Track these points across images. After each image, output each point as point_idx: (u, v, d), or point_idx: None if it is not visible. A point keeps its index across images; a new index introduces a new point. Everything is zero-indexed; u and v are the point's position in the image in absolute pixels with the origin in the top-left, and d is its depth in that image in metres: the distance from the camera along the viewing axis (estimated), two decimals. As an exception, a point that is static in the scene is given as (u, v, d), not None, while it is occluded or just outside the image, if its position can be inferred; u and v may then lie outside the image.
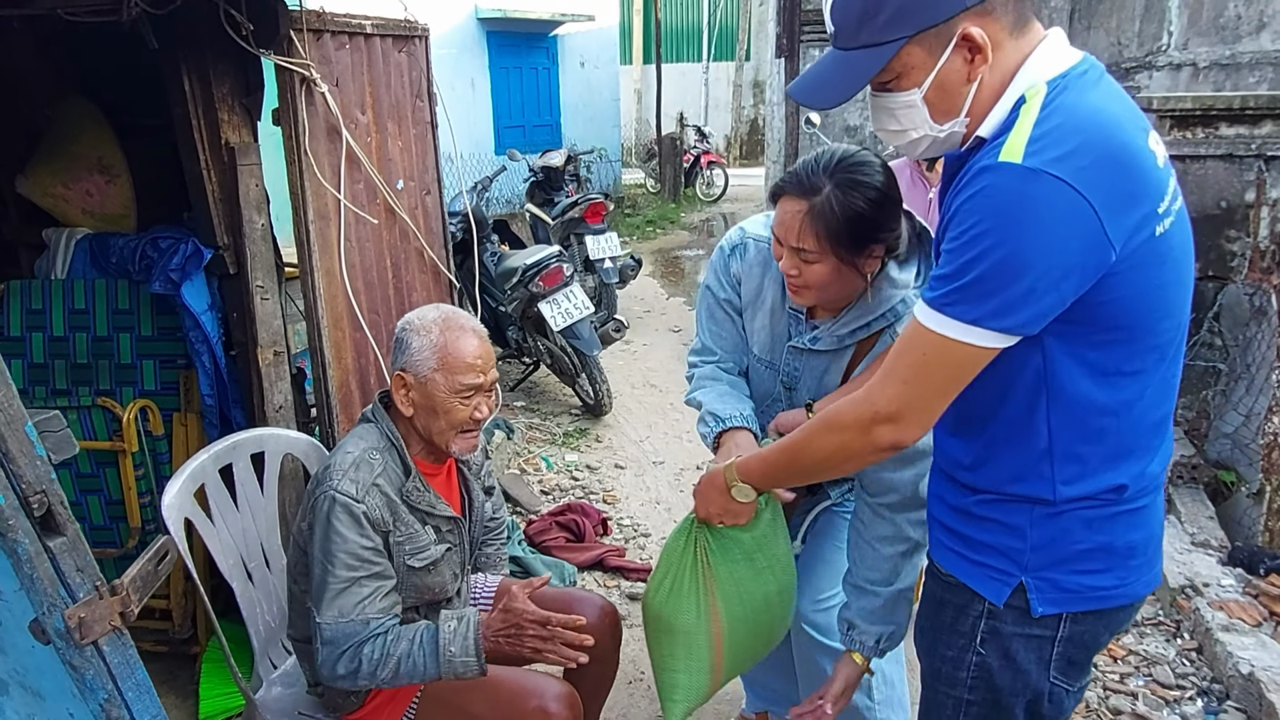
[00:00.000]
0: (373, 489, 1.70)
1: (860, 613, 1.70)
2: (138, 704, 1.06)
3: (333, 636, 1.66)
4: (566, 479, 4.24)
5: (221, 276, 2.41)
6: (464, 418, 1.80)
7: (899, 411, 1.17)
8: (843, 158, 1.53)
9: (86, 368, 2.70)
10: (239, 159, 2.24)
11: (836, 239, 1.51)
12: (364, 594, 1.68)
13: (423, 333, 1.75)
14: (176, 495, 1.98)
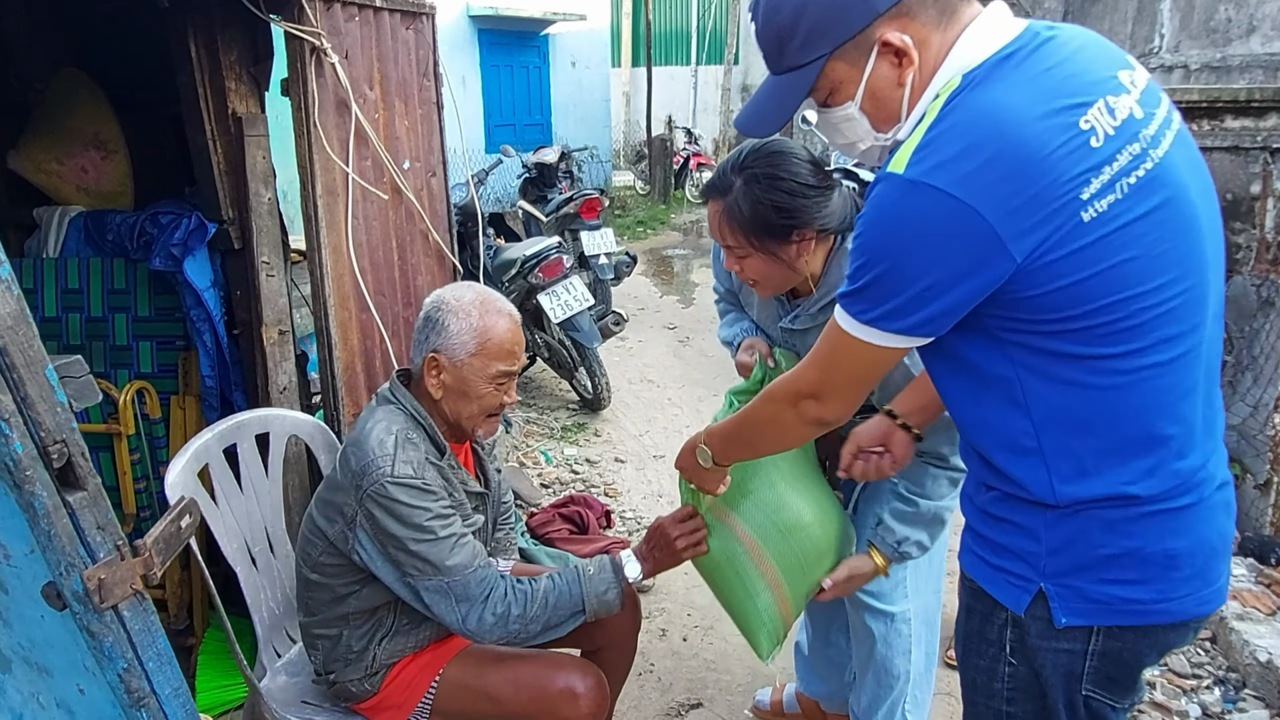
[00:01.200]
0: (426, 466, 1.66)
1: (892, 513, 1.72)
2: (159, 674, 0.99)
3: (465, 591, 1.63)
4: (566, 472, 4.18)
5: (225, 253, 2.34)
6: (495, 403, 1.75)
7: (818, 392, 1.23)
8: (750, 152, 1.57)
9: (80, 349, 2.61)
10: (246, 129, 2.17)
11: (752, 233, 1.56)
12: (458, 544, 1.64)
13: (462, 315, 1.69)
14: (180, 474, 1.91)
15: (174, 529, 1.02)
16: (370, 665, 1.78)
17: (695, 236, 10.98)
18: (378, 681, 1.79)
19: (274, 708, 1.93)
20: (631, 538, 3.56)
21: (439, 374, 1.70)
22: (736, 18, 17.89)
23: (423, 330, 1.72)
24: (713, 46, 18.32)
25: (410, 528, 1.60)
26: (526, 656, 1.83)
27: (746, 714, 2.57)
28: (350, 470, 1.64)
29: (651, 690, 2.66)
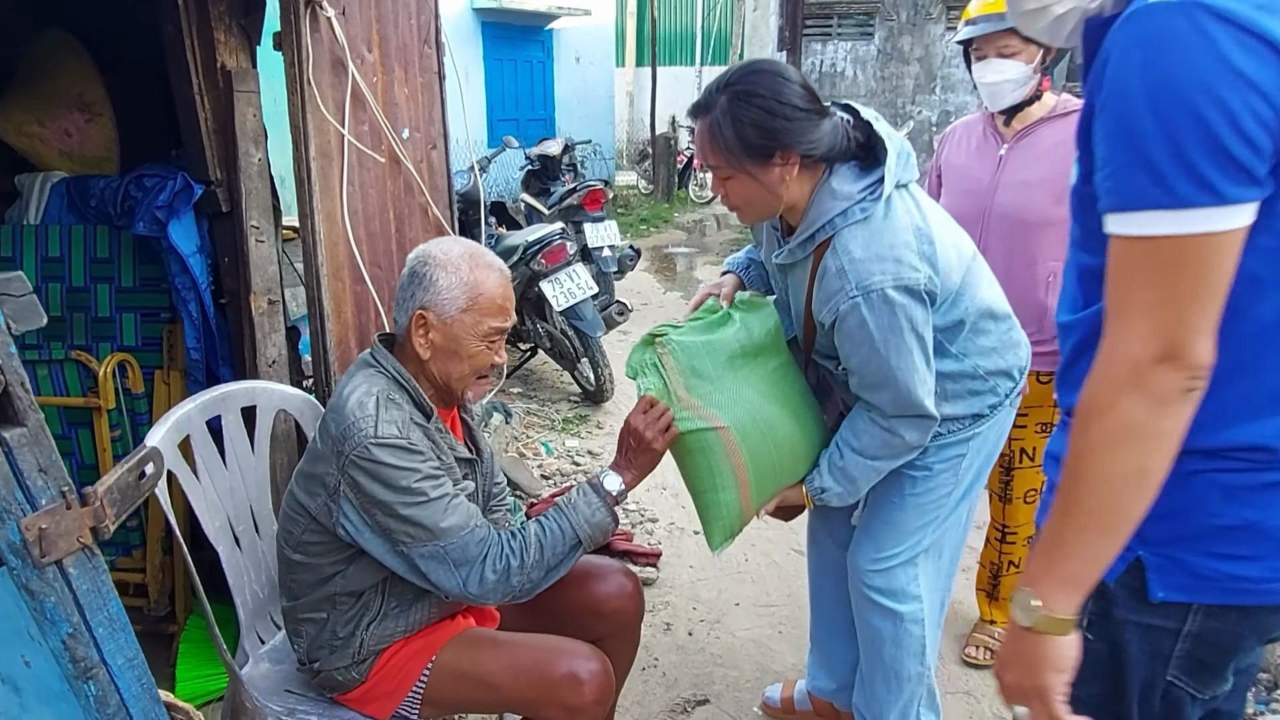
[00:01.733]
0: (411, 426, 1.54)
1: (825, 457, 1.78)
2: (109, 642, 0.87)
3: (465, 553, 1.53)
4: (568, 464, 4.05)
5: (213, 217, 2.21)
6: (486, 363, 1.64)
7: (1167, 346, 0.87)
8: (738, 70, 1.54)
9: (60, 321, 2.49)
10: (236, 85, 2.05)
11: (734, 151, 1.52)
12: (451, 506, 1.54)
13: (450, 269, 1.57)
14: (160, 442, 1.78)
15: (131, 478, 0.90)
16: (357, 652, 1.65)
17: (699, 235, 10.87)
18: (365, 669, 1.66)
19: (255, 696, 1.80)
20: (635, 530, 3.44)
21: (427, 332, 1.58)
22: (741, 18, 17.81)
23: (408, 287, 1.60)
24: (718, 47, 18.23)
25: (399, 491, 1.49)
26: (527, 641, 1.71)
27: (756, 711, 2.44)
28: (330, 437, 1.53)
29: (656, 686, 2.53)
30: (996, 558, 2.59)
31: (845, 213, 1.56)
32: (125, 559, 2.51)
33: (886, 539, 1.86)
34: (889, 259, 1.53)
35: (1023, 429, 2.36)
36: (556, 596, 1.87)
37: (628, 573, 1.94)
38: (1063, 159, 2.18)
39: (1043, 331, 2.29)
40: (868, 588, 1.90)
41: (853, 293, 1.53)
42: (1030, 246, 2.25)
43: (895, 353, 1.56)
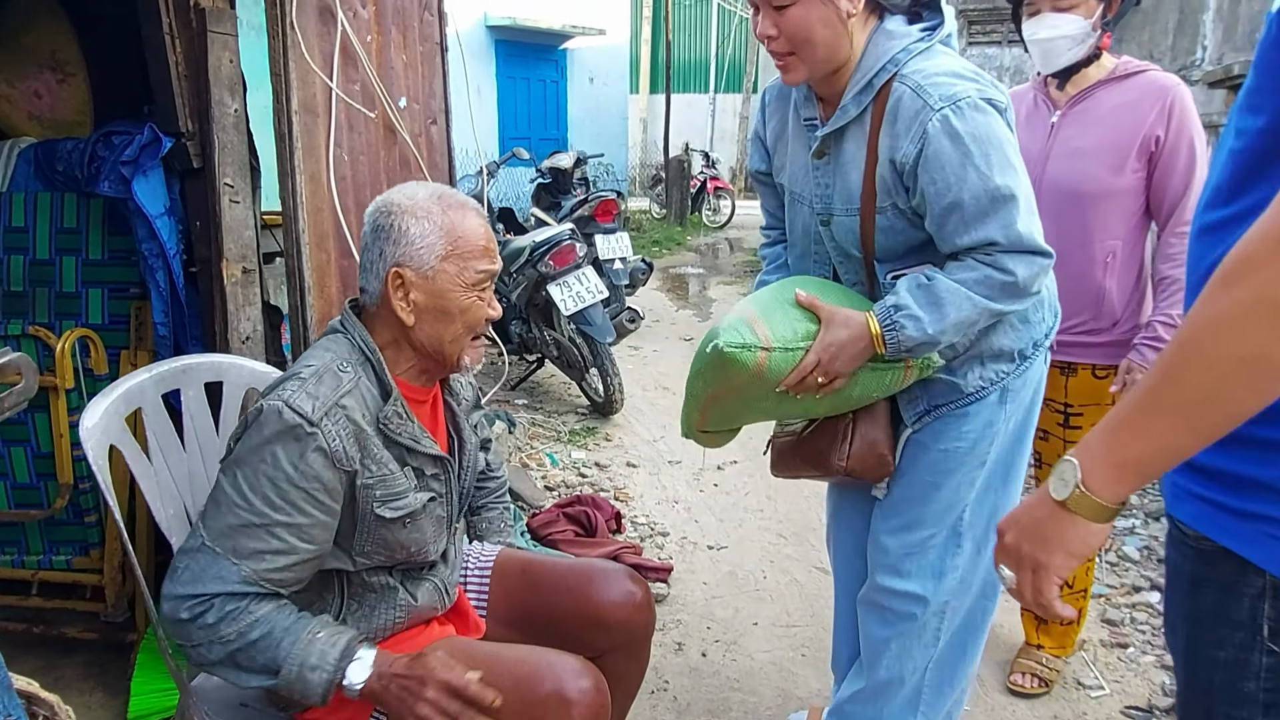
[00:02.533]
0: (335, 411, 1.26)
1: (906, 279, 1.45)
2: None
3: (200, 566, 1.22)
4: (574, 475, 3.80)
5: (184, 176, 2.00)
6: (481, 316, 1.40)
7: None
8: None
9: (21, 296, 2.28)
10: (210, 25, 1.85)
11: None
12: (272, 546, 1.24)
13: (421, 215, 1.34)
14: (102, 416, 1.56)
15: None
16: None
17: (711, 257, 10.69)
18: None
19: (205, 711, 1.56)
20: (644, 544, 3.18)
21: (407, 293, 1.34)
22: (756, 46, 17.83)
23: (374, 244, 1.35)
24: (731, 75, 18.24)
25: (246, 458, 1.24)
26: (510, 654, 1.45)
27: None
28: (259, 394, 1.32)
29: (666, 711, 2.26)
30: None
31: (907, 49, 1.40)
32: (82, 559, 2.27)
33: (917, 513, 1.63)
34: (967, 76, 1.37)
35: (1078, 430, 2.13)
36: (553, 603, 1.63)
37: (636, 578, 1.68)
38: (1124, 124, 1.97)
39: (1100, 319, 2.06)
40: (891, 574, 1.67)
41: (938, 104, 1.33)
42: (1086, 222, 2.02)
43: (999, 168, 1.34)
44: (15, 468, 2.26)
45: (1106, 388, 2.09)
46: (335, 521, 1.30)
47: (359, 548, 1.35)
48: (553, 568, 1.70)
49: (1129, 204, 2.00)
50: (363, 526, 1.34)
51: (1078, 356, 2.10)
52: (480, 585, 1.70)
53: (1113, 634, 2.63)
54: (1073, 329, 2.07)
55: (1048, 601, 0.89)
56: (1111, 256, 2.03)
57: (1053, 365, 2.12)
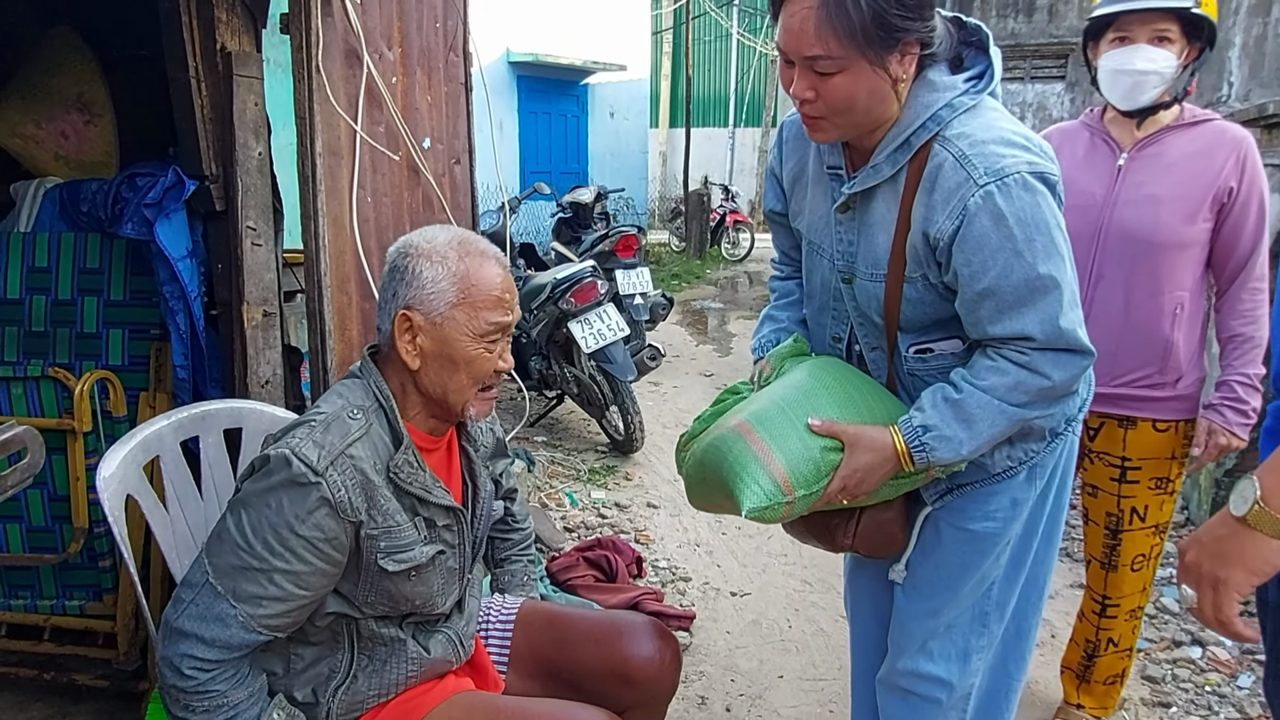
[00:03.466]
0: (342, 460, 1.24)
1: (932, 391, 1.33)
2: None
3: (204, 604, 1.22)
4: (594, 516, 3.73)
5: (207, 218, 1.99)
6: (488, 369, 1.35)
7: None
8: None
9: (43, 337, 2.27)
10: (236, 68, 1.84)
11: (860, 34, 1.17)
12: (269, 592, 1.22)
13: (437, 259, 1.31)
14: (120, 465, 1.54)
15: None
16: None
17: (731, 291, 10.64)
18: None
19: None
20: (665, 589, 3.10)
21: (414, 336, 1.31)
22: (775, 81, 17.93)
23: (389, 285, 1.34)
24: (751, 109, 18.35)
25: (250, 501, 1.23)
26: (529, 708, 1.40)
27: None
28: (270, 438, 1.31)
29: (690, 770, 2.18)
30: (1093, 634, 2.21)
31: (951, 104, 1.26)
32: (95, 604, 2.23)
33: (944, 597, 1.51)
34: (1018, 144, 1.22)
35: (1134, 484, 2.03)
36: (578, 656, 1.58)
37: (665, 634, 1.62)
38: (1198, 173, 1.89)
39: (1165, 373, 1.97)
40: (915, 655, 1.55)
41: (983, 179, 1.20)
42: (1156, 272, 1.94)
43: (1044, 255, 1.21)
44: (31, 510, 2.23)
45: (1167, 442, 2.01)
46: (338, 570, 1.28)
47: (363, 597, 1.32)
48: (580, 621, 1.65)
49: (1197, 255, 1.93)
50: (366, 576, 1.30)
51: (1139, 410, 2.01)
52: (503, 636, 1.65)
53: (1154, 692, 2.52)
54: (1135, 382, 1.99)
55: (1227, 619, 0.90)
56: (1180, 308, 1.94)
57: (1110, 418, 2.05)
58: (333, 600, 1.31)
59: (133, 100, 2.34)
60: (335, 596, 1.31)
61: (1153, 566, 2.13)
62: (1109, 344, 2.00)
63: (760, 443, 1.34)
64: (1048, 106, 7.12)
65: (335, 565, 1.26)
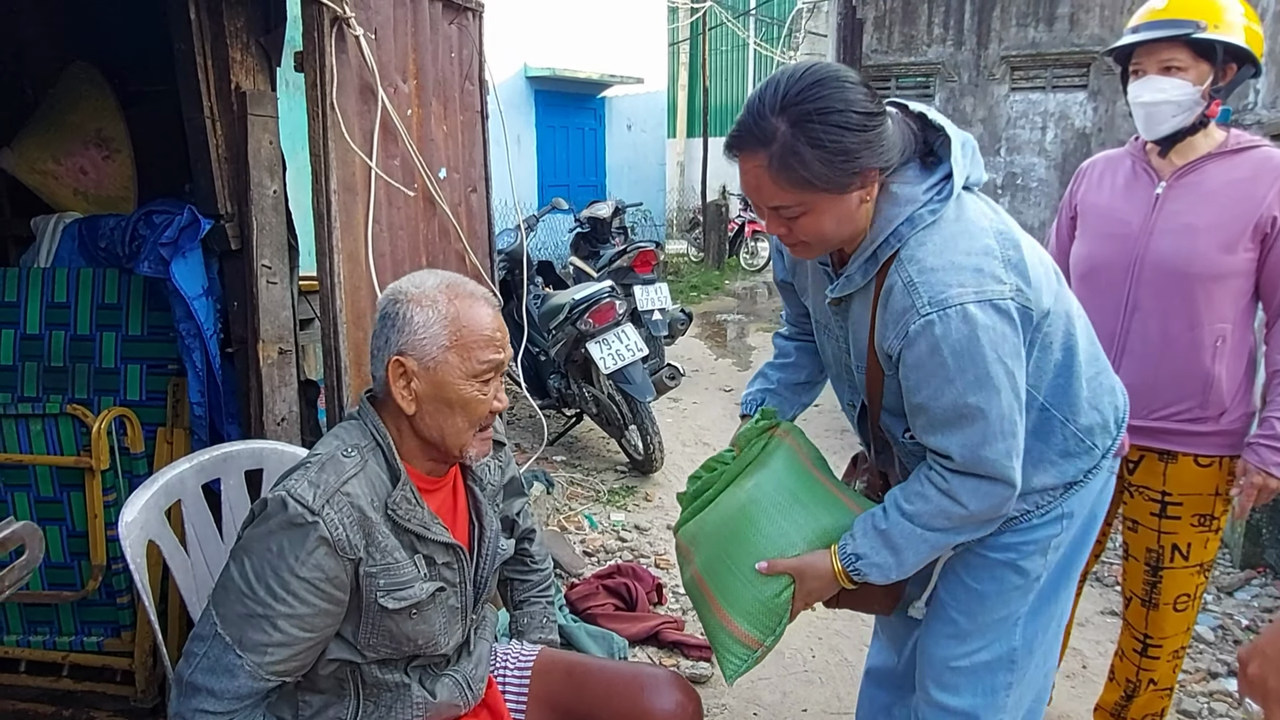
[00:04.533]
0: (339, 498, 1.23)
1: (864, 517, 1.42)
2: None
3: (213, 657, 1.23)
4: (613, 539, 3.70)
5: (222, 255, 1.99)
6: (484, 411, 1.35)
7: None
8: (792, 84, 1.21)
9: (62, 372, 2.27)
10: (251, 108, 1.84)
11: (811, 185, 1.23)
12: (274, 639, 1.22)
13: (426, 303, 1.31)
14: (141, 510, 1.54)
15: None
16: None
17: (750, 302, 10.59)
18: None
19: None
20: (685, 616, 3.06)
21: (408, 381, 1.31)
22: (793, 90, 17.88)
23: (381, 332, 1.33)
24: (768, 118, 18.29)
25: (252, 547, 1.23)
26: None
27: None
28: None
29: (712, 812, 2.14)
30: (1134, 674, 2.13)
31: (911, 219, 1.28)
32: (113, 640, 2.22)
33: (965, 624, 1.50)
34: (968, 268, 1.25)
35: (1175, 520, 1.96)
36: (598, 708, 1.55)
37: (687, 688, 1.59)
38: (1238, 202, 1.82)
39: (1206, 407, 1.90)
40: (940, 688, 1.53)
41: (925, 309, 1.24)
42: (1195, 303, 1.88)
43: (975, 386, 1.25)
44: (50, 547, 2.23)
45: (1209, 478, 1.94)
46: (340, 610, 1.27)
47: (364, 639, 1.31)
48: (599, 671, 1.62)
49: (1240, 285, 1.86)
50: (367, 616, 1.29)
51: (1180, 445, 1.94)
52: (520, 686, 1.62)
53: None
54: (1176, 416, 1.93)
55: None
56: (1221, 341, 1.88)
57: (1150, 451, 1.99)
58: (335, 646, 1.30)
59: (150, 135, 2.35)
60: (338, 642, 1.30)
61: (1196, 606, 2.05)
62: (1146, 376, 1.95)
63: (720, 610, 1.48)
64: (1070, 116, 7.03)
65: (338, 605, 1.26)
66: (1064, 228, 2.18)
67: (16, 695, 2.25)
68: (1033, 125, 7.12)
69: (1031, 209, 7.16)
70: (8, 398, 2.25)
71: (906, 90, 7.56)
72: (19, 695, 2.25)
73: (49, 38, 2.49)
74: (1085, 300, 2.08)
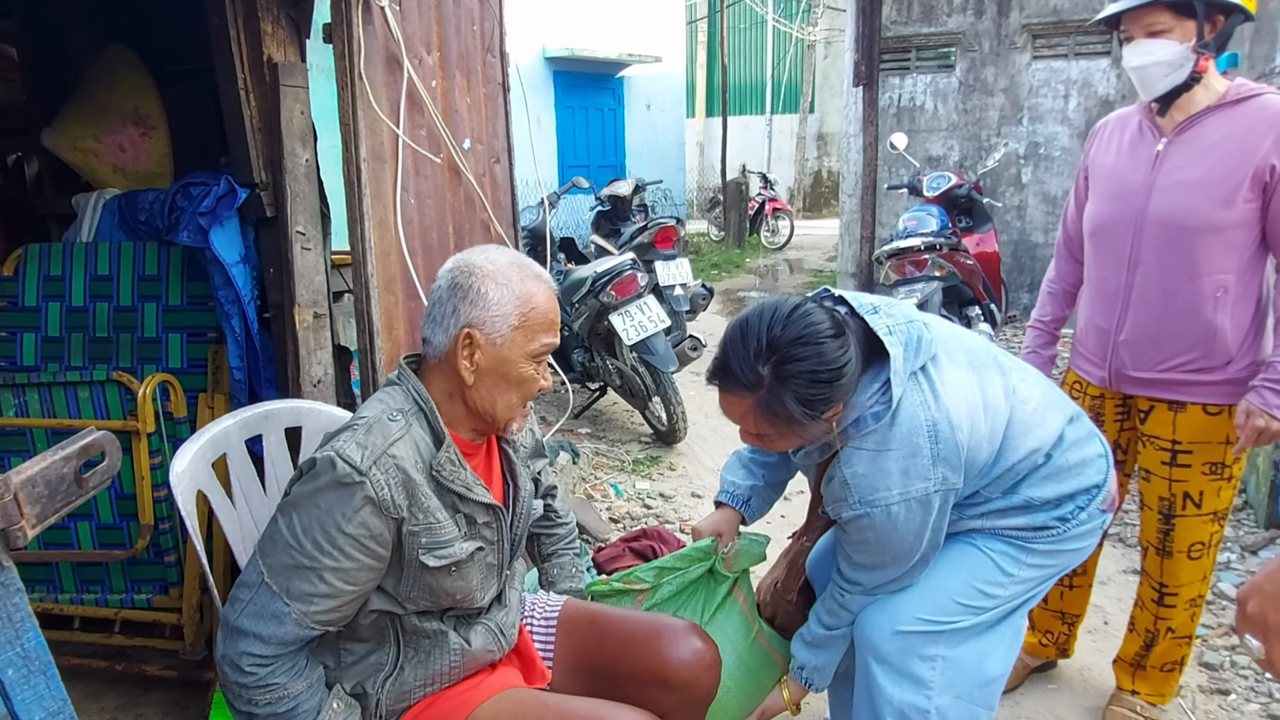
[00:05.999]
0: (385, 460, 1.28)
1: (799, 634, 1.78)
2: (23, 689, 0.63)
3: (260, 603, 1.28)
4: (639, 507, 3.77)
5: (258, 224, 2.06)
6: (535, 389, 1.41)
7: None
8: (774, 340, 1.42)
9: (106, 342, 2.36)
10: (283, 79, 1.90)
11: (790, 423, 1.45)
12: (319, 589, 1.27)
13: (501, 281, 1.35)
14: (191, 461, 1.61)
15: (67, 470, 0.67)
16: (373, 711, 1.39)
17: (771, 279, 10.60)
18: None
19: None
20: (711, 579, 3.13)
21: (473, 354, 1.35)
22: (812, 67, 17.76)
23: (449, 299, 1.36)
24: (788, 96, 18.20)
25: (299, 502, 1.28)
26: (578, 707, 1.44)
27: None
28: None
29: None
30: (1152, 624, 2.17)
31: (857, 422, 1.51)
32: (162, 597, 2.32)
33: (915, 600, 1.65)
34: (895, 473, 1.49)
35: (1186, 468, 2.00)
36: (619, 657, 1.61)
37: (705, 636, 1.64)
38: (1234, 154, 1.84)
39: (1211, 357, 1.93)
40: (877, 653, 1.65)
41: (856, 506, 1.52)
42: (1193, 257, 1.90)
43: (895, 556, 1.57)
44: (100, 508, 2.33)
45: (1219, 426, 1.97)
46: (383, 565, 1.32)
47: (405, 593, 1.36)
48: (620, 621, 1.67)
49: (1242, 236, 1.88)
50: (408, 573, 1.34)
51: (1188, 395, 1.98)
52: (546, 635, 1.68)
53: (1212, 679, 2.48)
54: (1183, 366, 1.96)
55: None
56: (1223, 291, 1.90)
57: (1161, 402, 2.02)
58: (376, 598, 1.35)
59: (184, 112, 2.42)
60: (379, 594, 1.35)
61: (1212, 554, 2.08)
62: (1151, 329, 1.98)
63: None
64: (1093, 83, 6.95)
65: (380, 561, 1.30)
66: (1080, 188, 2.20)
67: (71, 651, 2.36)
68: (1055, 94, 7.05)
69: (1054, 178, 7.10)
70: (56, 367, 2.35)
71: (926, 60, 7.51)
72: (73, 651, 2.36)
73: (85, 23, 2.57)
74: (1093, 258, 2.12)
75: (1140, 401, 2.07)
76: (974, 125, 7.50)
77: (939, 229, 4.80)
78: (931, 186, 5.24)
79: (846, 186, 8.29)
